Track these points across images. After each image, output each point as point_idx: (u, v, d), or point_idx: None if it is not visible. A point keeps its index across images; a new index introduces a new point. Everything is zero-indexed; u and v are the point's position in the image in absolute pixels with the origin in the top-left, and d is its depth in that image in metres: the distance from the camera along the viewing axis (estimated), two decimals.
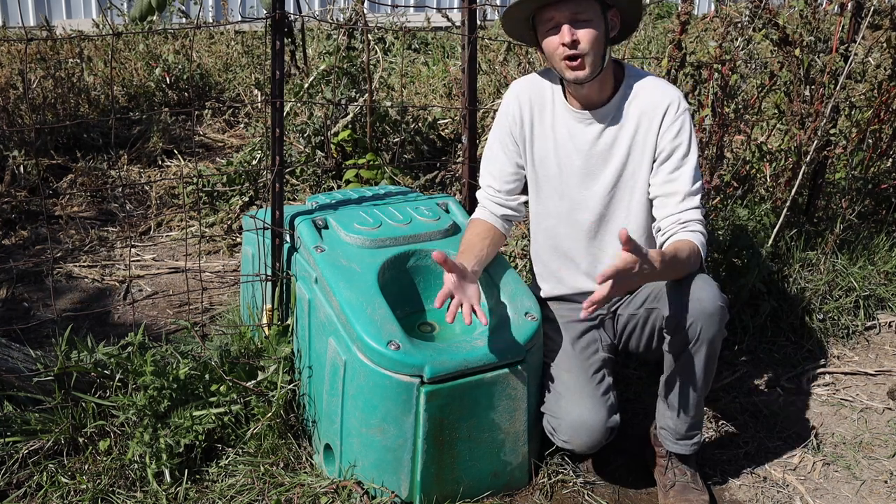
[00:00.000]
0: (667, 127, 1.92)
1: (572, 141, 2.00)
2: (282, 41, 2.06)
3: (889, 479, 2.21)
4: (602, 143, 1.97)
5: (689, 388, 1.94)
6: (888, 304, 3.09)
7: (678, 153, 1.93)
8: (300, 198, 3.63)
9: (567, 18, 1.83)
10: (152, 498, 1.93)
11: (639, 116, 1.94)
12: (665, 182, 1.94)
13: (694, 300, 1.83)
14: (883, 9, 2.92)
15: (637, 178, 1.97)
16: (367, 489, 1.92)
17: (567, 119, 2.00)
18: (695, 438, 2.02)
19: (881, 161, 3.37)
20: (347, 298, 1.90)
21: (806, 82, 2.95)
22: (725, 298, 1.86)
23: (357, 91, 3.67)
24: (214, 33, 6.58)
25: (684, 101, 1.94)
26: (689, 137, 1.93)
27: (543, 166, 2.05)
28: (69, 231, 3.57)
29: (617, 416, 1.98)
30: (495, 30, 5.46)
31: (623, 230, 1.58)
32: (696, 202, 1.92)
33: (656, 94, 1.94)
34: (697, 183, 1.93)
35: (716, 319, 1.83)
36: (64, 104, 4.51)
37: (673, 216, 1.92)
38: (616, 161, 1.97)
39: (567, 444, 1.96)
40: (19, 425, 2.02)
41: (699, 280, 1.86)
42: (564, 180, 2.03)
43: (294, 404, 2.14)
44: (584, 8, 1.83)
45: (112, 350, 2.11)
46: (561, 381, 2.00)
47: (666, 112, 1.92)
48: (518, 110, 2.05)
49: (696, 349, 1.87)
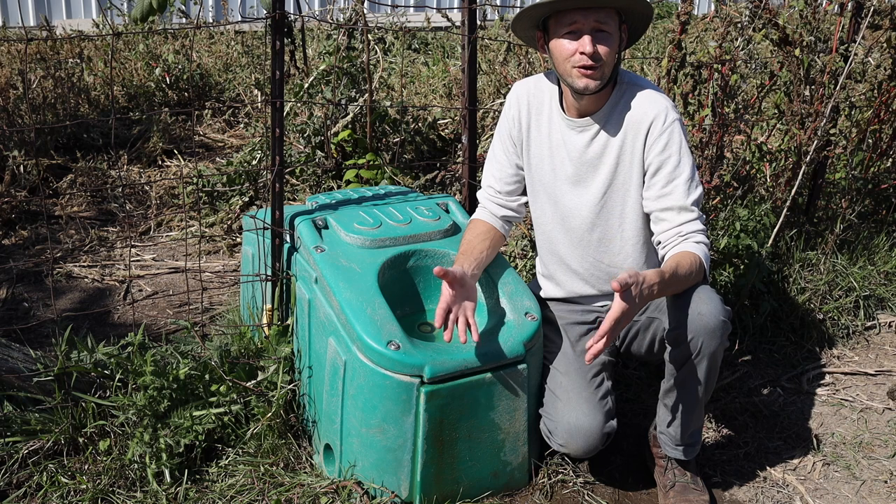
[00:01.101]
0: (653, 141, 1.89)
1: (565, 147, 1.99)
2: (282, 41, 2.06)
3: (889, 479, 2.21)
4: (592, 150, 1.96)
5: (690, 398, 1.93)
6: (888, 304, 3.09)
7: (667, 167, 1.89)
8: (300, 198, 3.63)
9: (591, 27, 1.81)
10: (152, 498, 1.93)
11: (626, 127, 1.92)
12: (659, 197, 1.91)
13: (695, 314, 1.81)
14: (883, 9, 2.92)
15: (628, 188, 1.95)
16: (367, 489, 1.92)
17: (561, 125, 1.99)
18: (694, 445, 2.02)
19: (881, 161, 3.37)
20: (347, 298, 1.90)
21: (806, 82, 2.95)
22: (728, 312, 1.84)
23: (357, 91, 3.67)
24: (214, 33, 6.58)
25: (673, 112, 1.89)
26: (679, 149, 1.88)
27: (539, 171, 2.05)
28: (69, 231, 3.57)
29: (614, 421, 1.97)
30: (495, 30, 5.46)
31: (614, 282, 1.61)
32: (695, 213, 1.89)
33: (643, 105, 1.90)
34: (694, 194, 1.89)
35: (718, 334, 1.81)
36: (64, 104, 4.51)
37: (673, 229, 1.90)
38: (605, 169, 1.96)
39: (563, 448, 1.96)
40: (19, 425, 2.02)
41: (701, 293, 1.83)
42: (558, 186, 2.02)
43: (294, 404, 2.14)
44: (608, 19, 1.81)
45: (112, 350, 2.11)
46: (559, 383, 2.00)
47: (651, 126, 1.89)
48: (517, 112, 2.05)
49: (698, 362, 1.85)
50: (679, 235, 1.89)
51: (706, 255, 1.88)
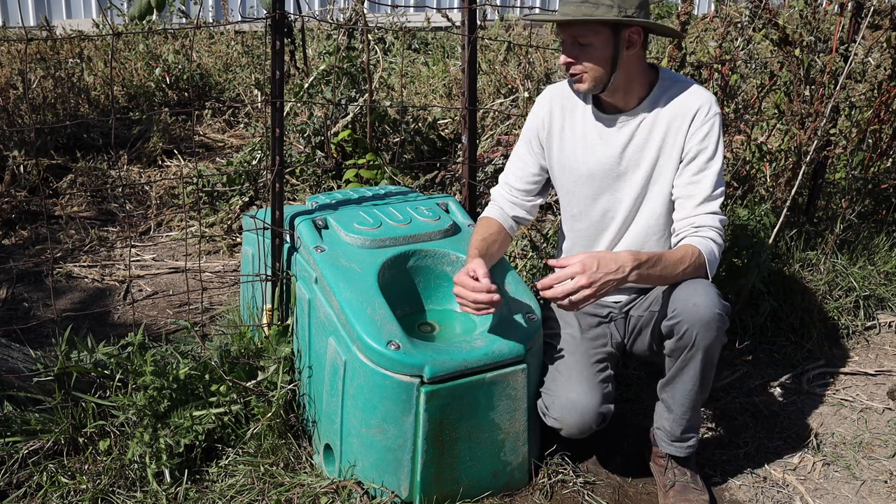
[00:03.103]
0: (696, 129, 1.93)
1: (603, 144, 2.01)
2: (282, 41, 2.06)
3: (889, 479, 2.21)
4: (634, 145, 1.99)
5: (686, 392, 1.94)
6: (888, 304, 3.09)
7: (703, 156, 1.93)
8: (300, 198, 3.63)
9: (570, 39, 1.90)
10: (152, 498, 1.93)
11: (670, 119, 1.95)
12: (687, 184, 1.95)
13: (690, 306, 1.82)
14: (883, 9, 2.92)
15: (664, 180, 1.98)
16: (367, 489, 1.92)
17: (598, 123, 2.03)
18: (690, 441, 2.02)
19: (881, 161, 3.37)
20: (347, 298, 1.90)
21: (806, 82, 2.95)
22: (725, 305, 1.85)
23: (357, 91, 3.67)
24: (214, 33, 6.58)
25: (716, 106, 1.95)
26: (717, 142, 1.94)
27: (575, 169, 2.07)
28: (69, 231, 3.57)
29: (611, 405, 1.98)
30: (495, 30, 5.47)
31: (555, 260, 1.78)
32: (714, 207, 1.93)
33: (689, 97, 1.95)
34: (719, 189, 1.94)
35: (713, 326, 1.82)
36: (64, 104, 4.51)
37: (688, 219, 1.93)
38: (647, 163, 1.98)
39: (557, 423, 1.95)
40: (19, 425, 2.02)
41: (697, 285, 1.85)
42: (598, 184, 2.04)
43: (294, 404, 2.14)
44: (586, 32, 1.86)
45: (112, 350, 2.11)
46: (562, 361, 2.01)
47: (696, 114, 1.93)
48: (547, 115, 2.10)
49: (693, 355, 1.86)
50: (692, 227, 1.92)
51: (710, 252, 1.88)
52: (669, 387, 1.97)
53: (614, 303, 2.14)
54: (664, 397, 2.00)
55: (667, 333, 1.90)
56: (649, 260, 1.81)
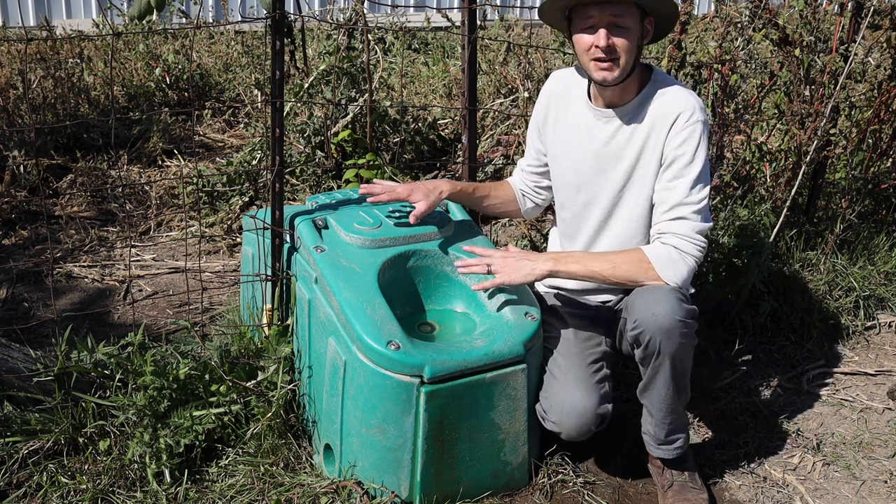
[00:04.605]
0: (674, 134, 1.91)
1: (590, 137, 2.02)
2: (282, 41, 2.06)
3: (889, 479, 2.21)
4: (616, 142, 1.98)
5: (662, 398, 1.93)
6: (888, 304, 3.09)
7: (679, 162, 1.90)
8: (300, 198, 3.63)
9: (607, 22, 1.84)
10: (152, 498, 1.93)
11: (653, 121, 1.94)
12: (662, 189, 1.93)
13: (650, 315, 1.81)
14: (883, 9, 2.92)
15: (644, 182, 1.97)
16: (367, 489, 1.92)
17: (588, 115, 2.03)
18: (677, 443, 2.01)
19: (881, 161, 3.37)
20: (347, 298, 1.90)
21: (806, 82, 2.95)
22: (688, 310, 1.82)
23: (357, 91, 3.67)
24: (214, 33, 6.58)
25: (700, 113, 1.90)
26: (696, 149, 1.89)
27: (563, 159, 2.09)
28: (69, 231, 3.57)
29: (609, 405, 1.98)
30: (495, 30, 5.46)
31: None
32: (684, 213, 1.88)
33: (673, 101, 1.93)
34: (694, 195, 1.89)
35: (675, 334, 1.80)
36: (64, 104, 4.51)
37: (656, 225, 1.94)
38: (627, 162, 1.98)
39: (556, 427, 1.95)
40: (19, 425, 2.02)
41: (657, 293, 1.83)
42: (581, 175, 2.06)
43: (294, 404, 2.14)
44: (625, 13, 1.83)
45: (112, 350, 2.11)
46: (557, 364, 2.01)
47: (676, 120, 1.90)
48: (546, 101, 2.14)
49: (661, 362, 1.86)
50: (657, 233, 1.92)
51: (668, 258, 1.86)
52: (647, 392, 1.96)
53: (601, 303, 2.15)
54: (644, 403, 2.00)
55: (633, 343, 1.89)
56: (570, 254, 1.95)
